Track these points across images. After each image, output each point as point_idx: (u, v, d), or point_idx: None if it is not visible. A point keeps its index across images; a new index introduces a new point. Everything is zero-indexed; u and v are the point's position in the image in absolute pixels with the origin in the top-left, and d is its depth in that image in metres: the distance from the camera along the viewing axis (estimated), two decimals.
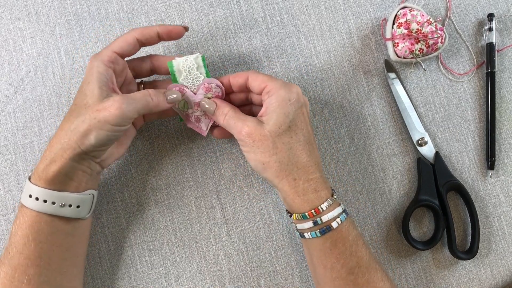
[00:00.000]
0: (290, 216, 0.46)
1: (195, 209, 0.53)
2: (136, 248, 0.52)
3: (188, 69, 0.47)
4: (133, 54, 0.47)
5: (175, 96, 0.46)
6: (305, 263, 0.53)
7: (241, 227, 0.53)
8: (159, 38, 0.46)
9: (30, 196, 0.42)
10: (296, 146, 0.44)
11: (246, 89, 0.48)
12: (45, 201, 0.42)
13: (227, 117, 0.45)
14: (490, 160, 0.55)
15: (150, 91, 0.45)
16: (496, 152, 0.55)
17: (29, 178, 0.43)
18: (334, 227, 0.44)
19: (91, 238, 0.52)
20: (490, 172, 0.55)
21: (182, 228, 0.53)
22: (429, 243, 0.52)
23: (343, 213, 0.45)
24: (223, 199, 0.53)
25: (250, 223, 0.53)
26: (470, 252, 0.52)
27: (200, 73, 0.47)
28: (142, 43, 0.46)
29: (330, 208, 0.44)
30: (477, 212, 0.53)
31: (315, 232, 0.44)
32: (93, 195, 0.45)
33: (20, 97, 0.53)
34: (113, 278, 0.52)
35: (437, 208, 0.53)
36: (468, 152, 0.56)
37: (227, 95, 0.49)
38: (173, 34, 0.46)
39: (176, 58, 0.47)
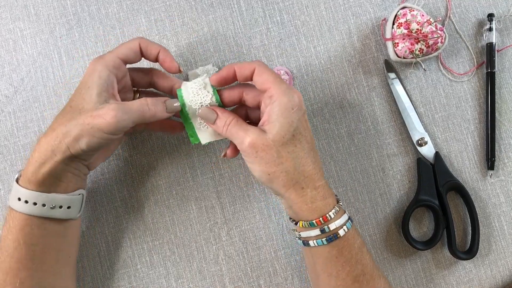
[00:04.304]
0: (296, 224, 0.45)
1: (195, 209, 0.53)
2: (136, 248, 0.52)
3: (196, 90, 0.45)
4: (135, 62, 0.46)
5: (175, 105, 0.44)
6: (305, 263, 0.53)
7: (241, 227, 0.53)
8: (156, 59, 0.46)
9: (19, 199, 0.42)
10: (301, 155, 0.43)
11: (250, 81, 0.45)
12: (35, 203, 0.42)
13: (230, 126, 0.43)
14: (490, 160, 0.55)
15: (149, 100, 0.43)
16: (496, 152, 0.55)
17: (17, 180, 0.43)
18: (341, 235, 0.43)
19: (91, 238, 0.52)
20: (490, 172, 0.55)
21: (182, 228, 0.53)
22: (429, 243, 0.52)
23: (349, 221, 0.44)
24: (223, 199, 0.53)
25: (250, 223, 0.53)
26: (470, 252, 0.52)
27: (208, 92, 0.45)
28: (143, 54, 0.46)
29: (337, 215, 0.43)
30: (477, 212, 0.53)
31: (322, 240, 0.43)
32: (82, 195, 0.46)
33: (20, 97, 0.53)
34: (113, 278, 0.52)
35: (437, 208, 0.53)
36: (468, 152, 0.56)
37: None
38: (165, 66, 0.46)
39: (184, 82, 0.45)
